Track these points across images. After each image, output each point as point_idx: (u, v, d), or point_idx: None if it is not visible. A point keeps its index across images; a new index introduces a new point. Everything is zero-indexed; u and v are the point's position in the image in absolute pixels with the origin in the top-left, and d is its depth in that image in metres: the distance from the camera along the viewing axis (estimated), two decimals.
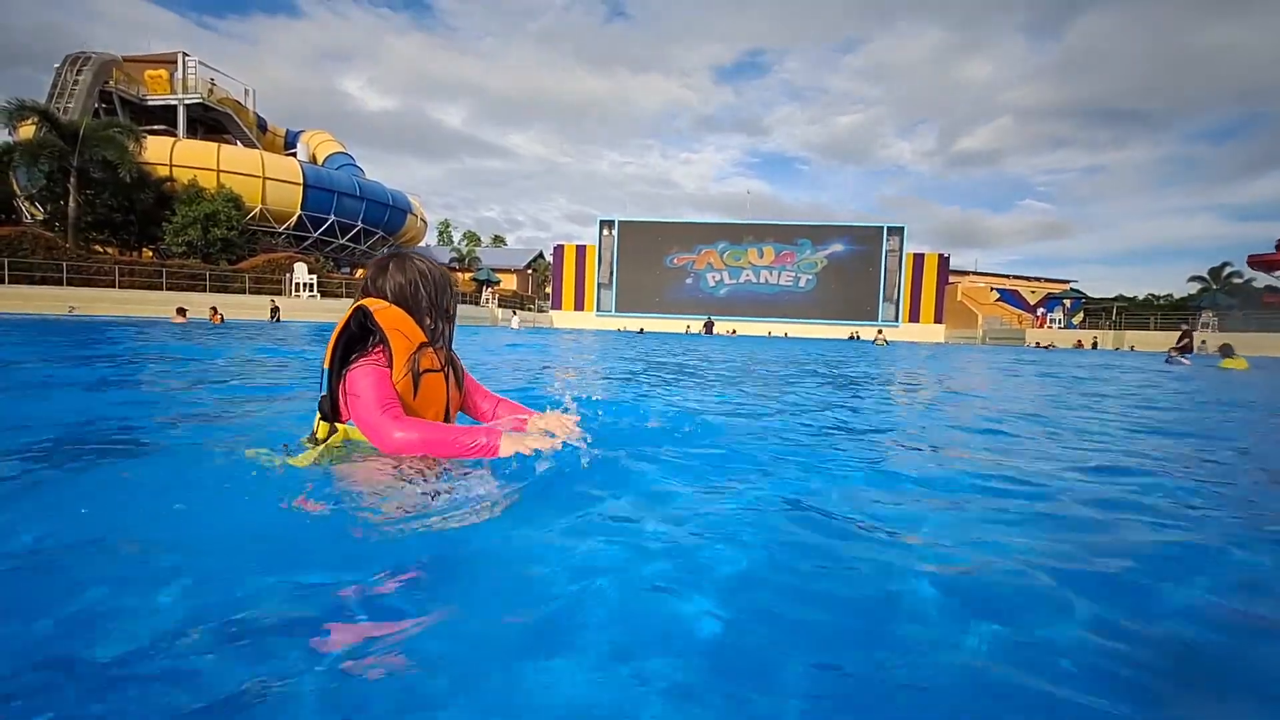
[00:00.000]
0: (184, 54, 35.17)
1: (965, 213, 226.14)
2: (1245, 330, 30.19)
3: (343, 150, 42.94)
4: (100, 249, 27.28)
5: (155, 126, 33.57)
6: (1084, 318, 41.20)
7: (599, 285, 46.42)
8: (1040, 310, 42.29)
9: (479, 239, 77.72)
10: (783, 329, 41.93)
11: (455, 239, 75.69)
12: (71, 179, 24.74)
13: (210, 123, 36.82)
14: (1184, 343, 15.36)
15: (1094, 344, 33.73)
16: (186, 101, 34.82)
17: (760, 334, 38.37)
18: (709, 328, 35.70)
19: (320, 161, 39.74)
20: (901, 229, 44.04)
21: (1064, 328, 39.29)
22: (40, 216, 27.33)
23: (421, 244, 49.65)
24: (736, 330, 39.51)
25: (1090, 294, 45.26)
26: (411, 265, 1.82)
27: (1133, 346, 32.59)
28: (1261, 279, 40.00)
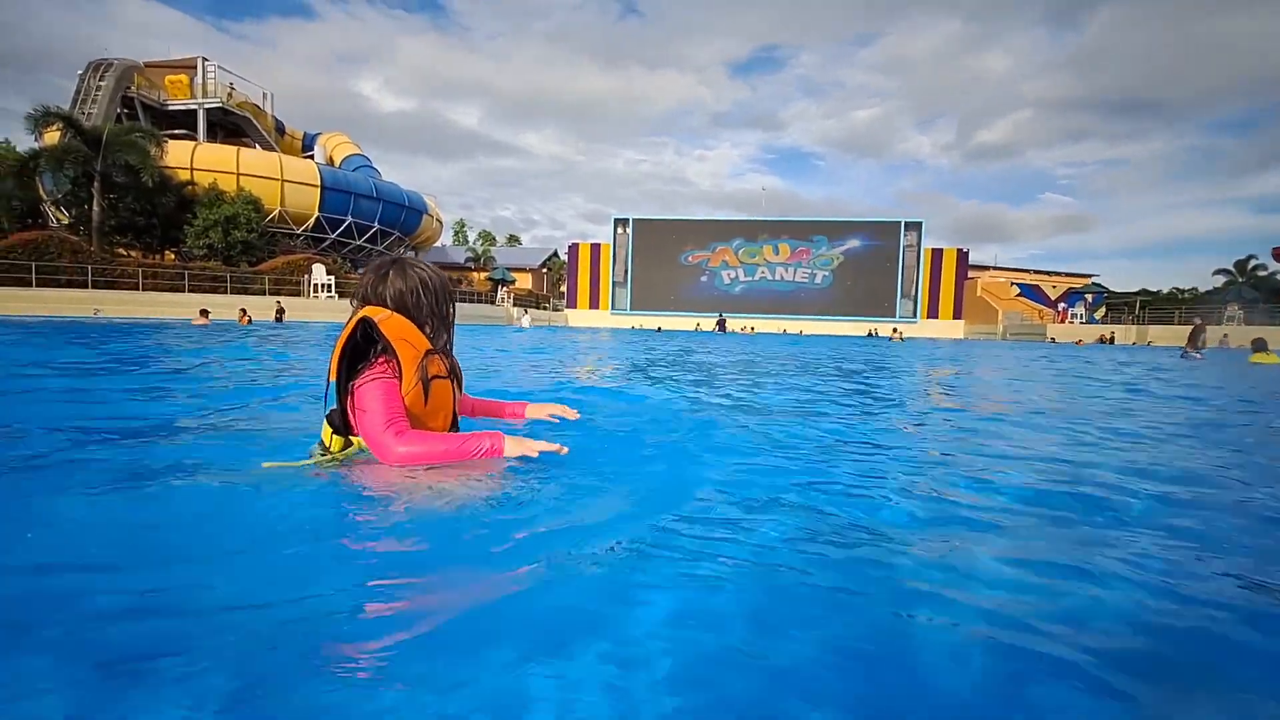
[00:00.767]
0: (203, 59, 35.67)
1: (984, 207, 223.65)
2: (1272, 324, 29.45)
3: (359, 152, 43.33)
4: (124, 252, 27.76)
5: (176, 131, 34.11)
6: (1106, 312, 40.47)
7: (614, 284, 46.42)
8: (1062, 305, 41.62)
9: (494, 239, 78.20)
10: (798, 326, 41.64)
11: (471, 239, 76.22)
12: (95, 184, 25.20)
13: (230, 126, 37.36)
14: (1201, 338, 15.06)
15: (1111, 338, 33.06)
16: (206, 106, 35.34)
17: (775, 331, 38.11)
18: (721, 325, 35.48)
19: (337, 163, 40.14)
20: (919, 224, 43.51)
21: (1085, 323, 38.63)
22: (66, 221, 27.87)
23: (437, 244, 50.02)
24: (754, 328, 39.22)
25: (1113, 288, 44.43)
26: (412, 272, 1.80)
27: (1150, 341, 31.95)
28: None
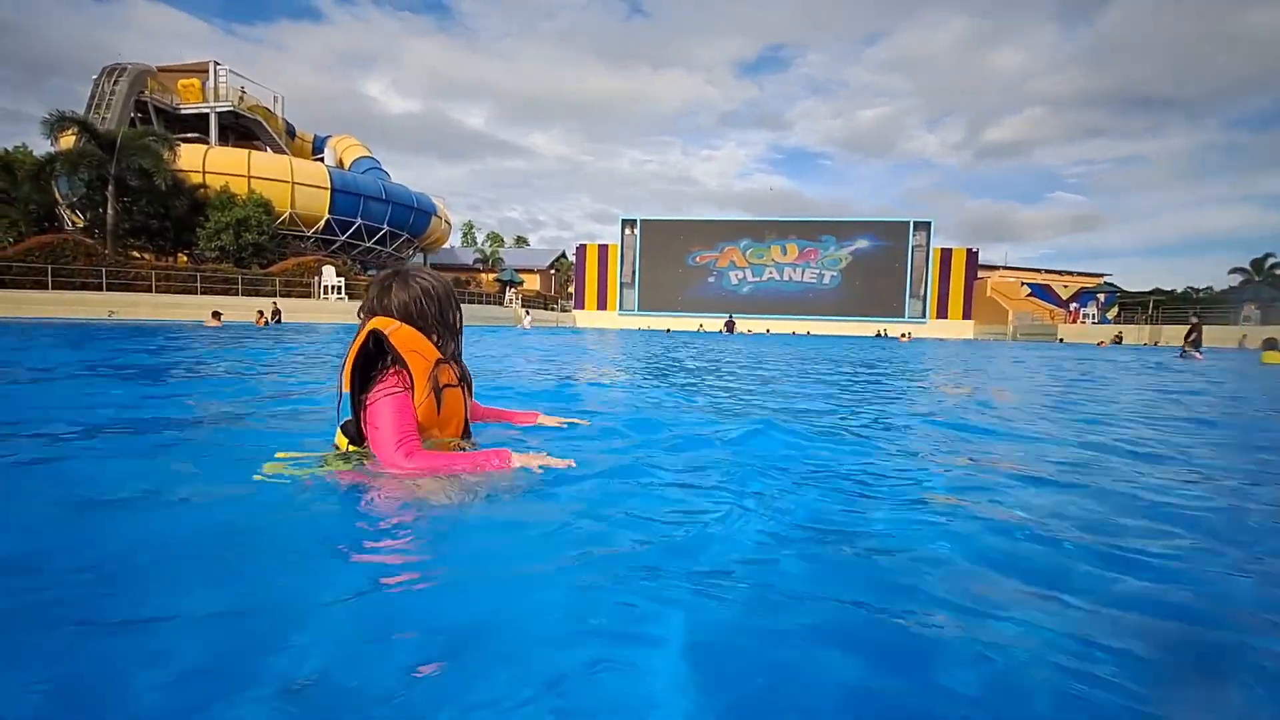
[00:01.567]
0: (215, 63, 35.98)
1: (995, 205, 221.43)
2: None
3: (369, 154, 43.55)
4: (137, 255, 28.05)
5: (188, 134, 34.41)
6: (1119, 312, 40.03)
7: (621, 284, 46.47)
8: (1073, 305, 41.17)
9: (502, 240, 78.40)
10: (806, 327, 41.53)
11: (479, 240, 76.49)
12: (110, 187, 25.46)
13: (241, 130, 37.65)
14: (1194, 336, 15.02)
15: (1119, 338, 32.64)
16: (218, 109, 35.63)
17: (785, 332, 38.00)
18: (730, 327, 35.38)
19: (347, 165, 40.38)
20: (928, 223, 43.29)
21: (1098, 322, 38.27)
22: (80, 224, 28.16)
23: (446, 245, 50.19)
24: (769, 329, 39.03)
25: (1126, 288, 43.89)
26: (414, 282, 1.81)
27: (1157, 341, 31.58)
28: None
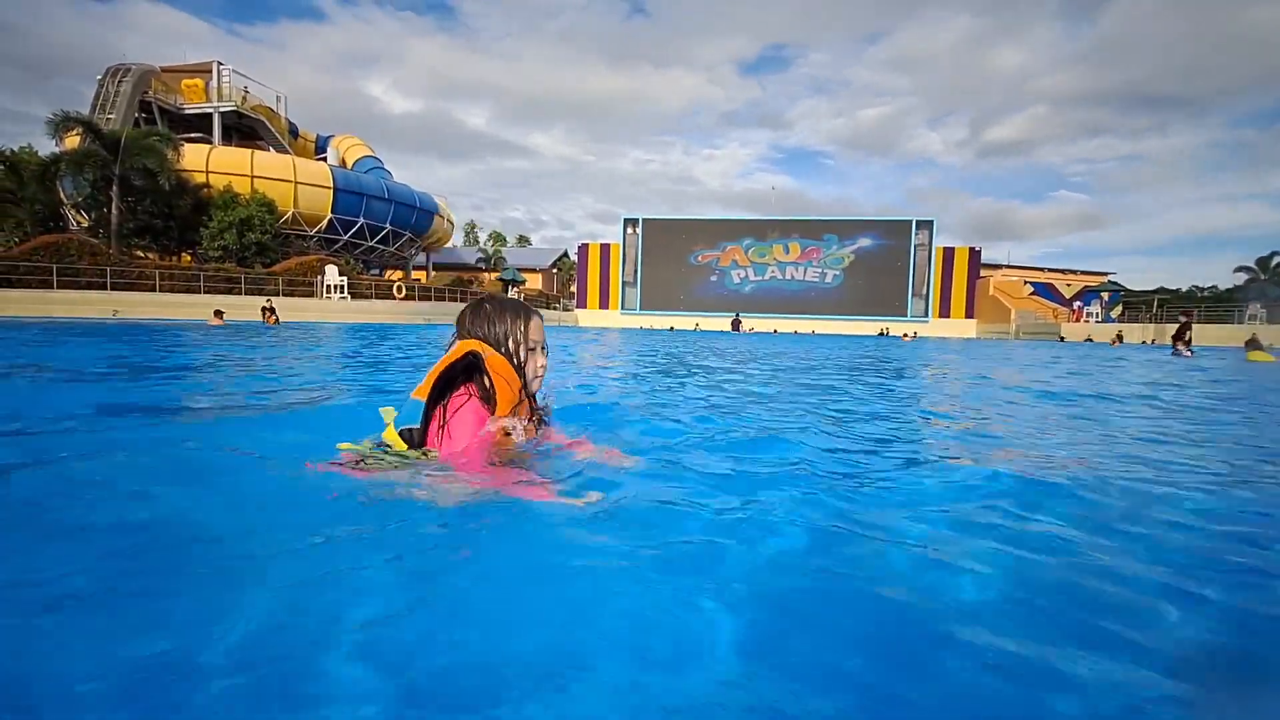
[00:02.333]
0: (218, 63, 36.04)
1: (997, 204, 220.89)
2: None
3: (371, 154, 43.64)
4: (141, 254, 28.12)
5: (192, 134, 34.49)
6: (1123, 311, 39.90)
7: (624, 284, 46.44)
8: (1077, 304, 41.04)
9: (505, 239, 78.46)
10: (809, 326, 41.47)
11: (481, 239, 76.56)
12: (114, 187, 25.54)
13: (244, 129, 37.73)
14: (1186, 335, 15.01)
15: (1119, 338, 32.39)
16: (221, 109, 35.69)
17: (788, 331, 37.98)
18: (736, 325, 35.32)
19: (350, 165, 40.45)
20: (931, 222, 43.23)
21: (1101, 321, 38.14)
22: (85, 224, 28.25)
23: (449, 245, 50.26)
24: (776, 329, 38.93)
25: (1130, 286, 43.81)
26: (505, 317, 1.83)
27: (1154, 340, 31.44)
28: None
